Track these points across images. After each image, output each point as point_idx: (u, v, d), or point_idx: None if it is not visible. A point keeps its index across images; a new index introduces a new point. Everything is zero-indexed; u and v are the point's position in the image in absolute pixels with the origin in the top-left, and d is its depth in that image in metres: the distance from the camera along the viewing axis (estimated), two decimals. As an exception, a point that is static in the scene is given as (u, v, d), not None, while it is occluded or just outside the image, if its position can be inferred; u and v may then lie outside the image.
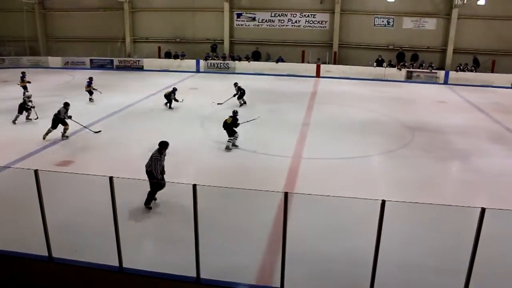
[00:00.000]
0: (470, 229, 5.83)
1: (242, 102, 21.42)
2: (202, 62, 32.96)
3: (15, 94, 22.65)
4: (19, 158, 13.58)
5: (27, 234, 8.41)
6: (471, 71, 29.71)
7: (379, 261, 6.15)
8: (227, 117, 14.91)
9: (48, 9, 37.15)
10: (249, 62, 32.06)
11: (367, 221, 6.84)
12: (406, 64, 30.73)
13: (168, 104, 20.81)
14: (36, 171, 6.88)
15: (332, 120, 18.76)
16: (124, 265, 7.08)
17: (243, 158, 13.94)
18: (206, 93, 24.47)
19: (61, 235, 7.79)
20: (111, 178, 6.58)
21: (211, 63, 32.86)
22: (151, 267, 7.21)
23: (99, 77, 29.85)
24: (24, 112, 18.36)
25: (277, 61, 31.80)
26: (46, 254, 7.35)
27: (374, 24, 31.75)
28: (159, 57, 34.48)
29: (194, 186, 6.25)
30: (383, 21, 31.59)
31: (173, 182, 8.65)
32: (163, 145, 10.53)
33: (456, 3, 29.68)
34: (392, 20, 31.45)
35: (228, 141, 14.64)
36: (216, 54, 33.59)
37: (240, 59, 32.56)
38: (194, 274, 6.77)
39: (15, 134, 16.57)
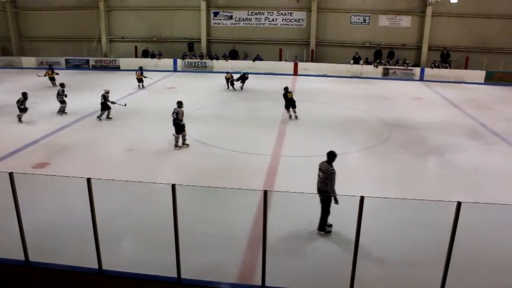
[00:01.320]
0: (447, 223, 5.93)
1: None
2: (179, 61, 32.77)
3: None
4: (-6, 161, 13.33)
5: (3, 238, 8.26)
6: (446, 67, 30.20)
7: (358, 257, 6.21)
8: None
9: (21, 8, 36.40)
10: (226, 61, 31.99)
11: (347, 217, 6.91)
12: (382, 61, 31.09)
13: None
14: (11, 174, 6.75)
15: (311, 117, 18.86)
16: (104, 267, 7.01)
17: (222, 157, 13.92)
18: (184, 92, 24.31)
19: (38, 238, 7.66)
20: (88, 180, 6.50)
21: (188, 62, 32.70)
22: (131, 269, 7.14)
23: (75, 77, 29.51)
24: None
25: (254, 60, 31.81)
26: (23, 258, 7.22)
27: (351, 22, 32.04)
28: (136, 56, 34.17)
29: (173, 186, 6.22)
30: (359, 19, 31.90)
31: (152, 183, 8.59)
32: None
33: (430, 1, 30.17)
34: (368, 18, 31.79)
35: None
36: (193, 53, 33.44)
37: (217, 58, 32.49)
38: (175, 275, 6.74)
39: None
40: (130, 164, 13.50)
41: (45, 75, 26.92)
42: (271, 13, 32.74)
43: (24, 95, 18.01)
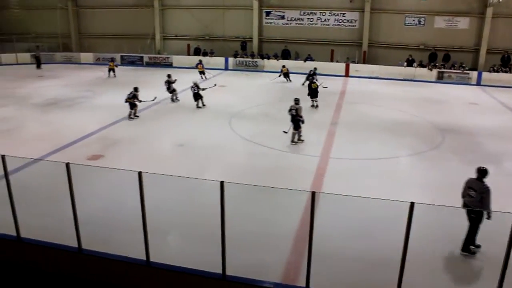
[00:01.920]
0: (500, 234, 5.69)
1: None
2: (230, 59, 33.07)
3: (49, 89, 23.18)
4: (52, 151, 13.93)
5: (59, 225, 8.62)
6: (506, 72, 28.93)
7: (406, 263, 6.07)
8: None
9: (81, 7, 37.89)
10: (277, 60, 31.97)
11: (394, 222, 6.76)
12: (437, 64, 30.17)
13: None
14: (67, 164, 7.02)
15: (361, 119, 18.58)
16: (151, 259, 7.17)
17: (271, 156, 13.94)
18: (234, 90, 24.54)
19: (90, 227, 7.92)
20: (140, 173, 6.66)
21: (239, 61, 32.94)
22: (177, 262, 7.28)
23: (129, 73, 30.40)
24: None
25: (305, 60, 31.63)
26: (76, 245, 7.51)
27: (405, 23, 31.26)
28: (188, 54, 34.73)
29: (222, 183, 6.28)
30: (414, 20, 31.08)
31: (201, 179, 8.70)
32: None
33: (490, 1, 28.97)
34: (423, 19, 30.91)
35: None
36: (245, 52, 33.64)
37: (268, 58, 32.53)
38: (220, 271, 6.80)
39: (50, 127, 16.99)
40: (180, 159, 13.74)
41: (109, 69, 29.48)
42: (324, 13, 32.45)
43: (136, 89, 18.52)
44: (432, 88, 27.48)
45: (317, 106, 20.67)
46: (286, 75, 28.50)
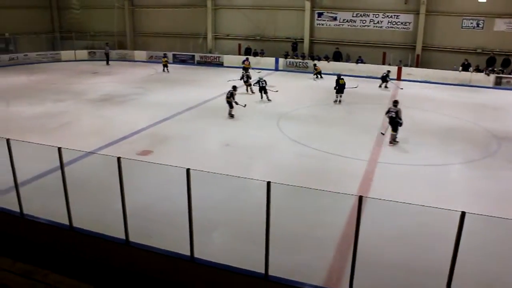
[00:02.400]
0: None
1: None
2: (281, 60, 33.05)
3: (103, 85, 23.99)
4: (104, 145, 14.42)
5: (109, 217, 8.90)
6: None
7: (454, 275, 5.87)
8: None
9: (136, 6, 38.96)
10: (328, 62, 31.68)
11: (443, 231, 6.56)
12: (495, 69, 28.95)
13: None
14: (119, 159, 7.24)
15: (412, 124, 18.06)
16: (195, 255, 7.27)
17: (318, 158, 13.84)
18: (284, 91, 24.49)
19: (136, 220, 8.12)
20: (188, 170, 6.77)
21: (290, 61, 32.87)
22: (220, 260, 7.35)
23: (181, 71, 31.03)
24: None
25: (356, 62, 31.21)
26: (124, 237, 7.72)
27: (462, 26, 30.14)
28: (239, 54, 34.98)
29: (269, 183, 6.29)
30: (471, 23, 29.94)
31: (248, 178, 8.75)
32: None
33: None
34: (482, 21, 29.71)
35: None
36: (295, 53, 33.53)
37: (319, 59, 32.27)
38: (262, 270, 6.81)
39: (102, 122, 17.59)
40: (227, 158, 13.88)
41: (163, 65, 31.16)
42: (377, 15, 31.85)
43: (234, 88, 18.94)
44: (488, 94, 26.39)
45: (340, 102, 21.62)
46: (319, 73, 29.37)
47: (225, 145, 15.05)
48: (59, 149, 7.76)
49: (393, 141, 15.25)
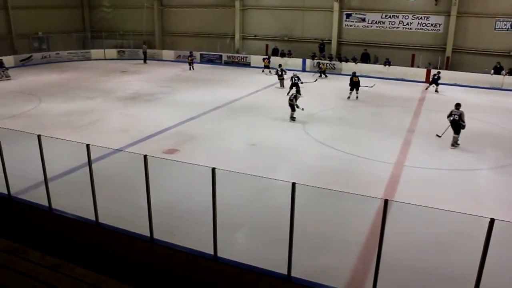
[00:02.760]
0: None
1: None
2: (308, 61, 32.93)
3: (132, 84, 24.35)
4: (131, 143, 14.64)
5: (133, 213, 9.04)
6: None
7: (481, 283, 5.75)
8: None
9: (166, 6, 39.39)
10: (355, 63, 31.41)
11: (470, 238, 6.43)
12: (529, 73, 28.16)
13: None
14: (145, 156, 7.33)
15: (440, 128, 17.76)
16: (218, 254, 7.31)
17: (344, 160, 13.75)
18: (310, 92, 24.39)
19: (162, 218, 8.20)
20: (213, 169, 6.81)
21: (317, 62, 32.70)
22: (243, 259, 7.36)
23: (208, 71, 31.25)
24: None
25: (384, 64, 30.85)
26: (148, 234, 7.82)
27: (495, 28, 29.45)
28: (266, 54, 34.98)
29: (294, 184, 6.28)
30: (505, 25, 29.17)
31: (273, 179, 8.74)
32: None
33: None
34: (516, 24, 28.99)
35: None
36: (322, 54, 33.35)
37: (347, 60, 32.03)
38: (285, 271, 6.80)
39: (130, 120, 17.85)
40: (252, 158, 13.91)
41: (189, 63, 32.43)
42: (406, 17, 31.40)
43: (298, 91, 19.80)
44: (521, 98, 25.73)
45: (357, 97, 22.73)
46: (323, 72, 30.17)
47: (251, 145, 15.08)
48: (88, 145, 7.91)
49: (455, 143, 15.21)
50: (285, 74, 25.66)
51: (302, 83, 22.38)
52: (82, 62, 35.27)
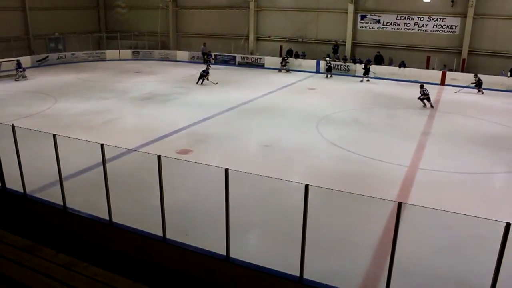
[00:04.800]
0: None
1: None
2: (322, 62, 32.80)
3: (146, 84, 24.52)
4: (145, 143, 14.73)
5: (146, 213, 9.08)
6: None
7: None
8: None
9: (180, 7, 39.56)
10: (369, 65, 31.20)
11: (485, 242, 6.35)
12: (546, 76, 27.73)
13: (201, 81, 25.06)
14: (159, 157, 7.36)
15: (455, 131, 17.62)
16: (231, 254, 7.30)
17: (358, 163, 13.67)
18: (324, 94, 24.37)
19: (175, 218, 8.22)
20: (226, 170, 6.81)
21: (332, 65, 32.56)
22: (256, 260, 7.35)
23: (223, 72, 31.29)
24: None
25: (399, 66, 30.61)
26: (161, 234, 7.84)
27: (512, 30, 29.07)
28: (281, 55, 34.93)
29: (307, 186, 6.26)
30: (523, 27, 28.78)
31: (286, 180, 8.73)
32: None
33: None
34: (534, 26, 28.55)
35: None
36: (337, 56, 33.22)
37: (361, 62, 31.85)
38: (297, 273, 6.77)
39: (144, 121, 17.97)
40: (265, 159, 13.90)
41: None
42: (422, 18, 31.12)
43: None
44: (538, 101, 25.36)
45: (368, 80, 24.95)
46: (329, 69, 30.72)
47: (265, 146, 15.07)
48: (102, 145, 7.97)
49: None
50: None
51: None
52: (97, 62, 35.56)
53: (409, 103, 22.72)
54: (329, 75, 30.26)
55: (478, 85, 26.24)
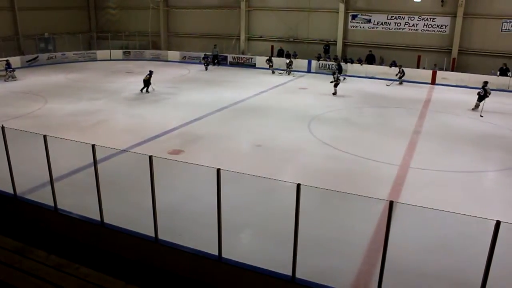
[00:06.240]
0: None
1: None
2: (313, 62, 32.87)
3: (137, 84, 24.45)
4: (136, 143, 14.68)
5: (137, 213, 9.05)
6: None
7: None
8: None
9: (171, 7, 39.47)
10: (361, 65, 31.34)
11: (476, 240, 6.40)
12: (536, 75, 27.96)
13: (145, 89, 23.69)
14: (150, 157, 7.34)
15: (446, 130, 17.74)
16: (223, 254, 7.30)
17: (349, 162, 13.72)
18: (315, 93, 24.40)
19: (166, 218, 8.20)
20: (218, 170, 6.81)
21: (322, 64, 32.64)
22: (248, 260, 7.35)
23: (214, 72, 31.27)
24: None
25: (390, 66, 30.73)
26: (153, 235, 7.83)
27: (502, 29, 29.31)
28: (272, 55, 34.95)
29: (298, 185, 6.27)
30: (512, 26, 29.04)
31: (278, 180, 8.75)
32: None
33: None
34: (523, 25, 28.81)
35: None
36: (327, 55, 33.30)
37: (352, 62, 31.96)
38: (289, 273, 6.79)
39: (135, 121, 17.90)
40: (257, 159, 13.91)
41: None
42: (412, 18, 31.29)
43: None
44: (527, 100, 25.59)
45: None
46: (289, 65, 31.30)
47: (256, 146, 15.08)
48: (93, 146, 7.94)
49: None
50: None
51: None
52: (88, 63, 35.38)
53: (400, 102, 22.86)
54: (343, 78, 28.46)
55: (401, 76, 28.20)
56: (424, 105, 22.63)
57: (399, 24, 31.72)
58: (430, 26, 31.00)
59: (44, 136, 8.45)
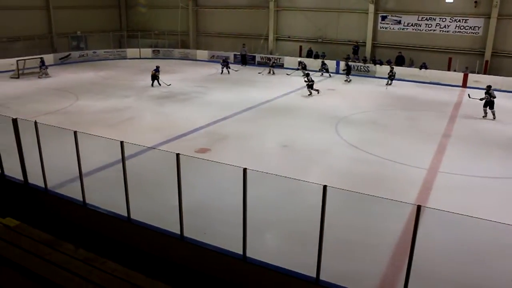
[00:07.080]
0: None
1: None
2: (342, 63, 32.60)
3: (167, 83, 24.71)
4: (164, 141, 14.85)
5: (164, 211, 9.16)
6: None
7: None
8: None
9: (200, 6, 39.76)
10: (391, 67, 30.87)
11: (507, 248, 6.24)
12: None
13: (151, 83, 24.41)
14: (177, 155, 7.40)
15: (477, 134, 17.34)
16: (247, 254, 7.31)
17: (376, 164, 13.56)
18: (343, 95, 24.22)
19: (190, 216, 8.24)
20: (244, 169, 6.82)
21: (351, 65, 32.33)
22: (272, 260, 7.34)
23: (241, 71, 31.33)
24: None
25: (420, 68, 30.24)
26: (179, 232, 7.89)
27: (538, 31, 28.47)
28: (300, 56, 34.85)
29: (325, 187, 6.23)
30: (548, 28, 28.15)
31: (304, 181, 8.70)
32: None
33: None
34: (560, 27, 27.90)
35: None
36: (356, 57, 32.99)
37: (381, 63, 31.56)
38: (314, 274, 6.75)
39: (163, 119, 18.11)
40: (283, 159, 13.89)
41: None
42: (444, 19, 30.69)
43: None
44: None
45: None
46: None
47: (283, 146, 15.05)
48: (122, 143, 8.06)
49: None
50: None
51: None
52: (118, 60, 35.98)
53: (429, 105, 22.47)
54: (348, 79, 29.01)
55: (390, 77, 27.83)
56: (455, 108, 22.20)
57: (430, 26, 31.17)
58: (462, 27, 30.35)
59: (75, 132, 8.62)
